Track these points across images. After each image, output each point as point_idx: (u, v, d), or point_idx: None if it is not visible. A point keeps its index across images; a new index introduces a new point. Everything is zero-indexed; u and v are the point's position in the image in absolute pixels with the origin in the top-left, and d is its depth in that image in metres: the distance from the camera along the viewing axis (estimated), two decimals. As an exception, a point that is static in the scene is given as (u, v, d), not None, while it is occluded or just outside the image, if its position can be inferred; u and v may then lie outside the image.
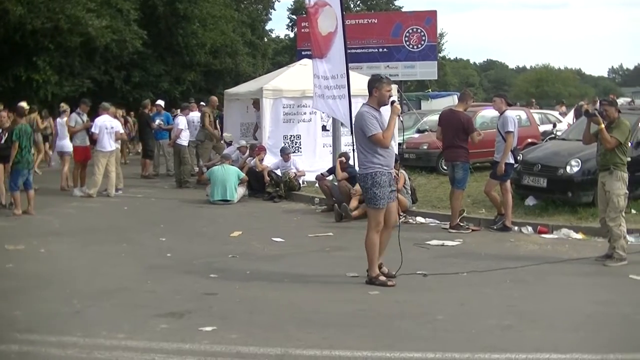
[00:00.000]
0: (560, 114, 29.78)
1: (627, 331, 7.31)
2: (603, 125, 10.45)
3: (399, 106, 9.20)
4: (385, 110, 9.42)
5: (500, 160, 13.04)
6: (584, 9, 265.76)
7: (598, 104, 13.30)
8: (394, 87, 11.49)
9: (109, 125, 18.02)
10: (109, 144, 17.96)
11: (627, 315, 7.84)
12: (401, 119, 9.46)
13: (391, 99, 9.36)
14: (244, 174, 17.64)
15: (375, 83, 9.35)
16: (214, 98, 22.69)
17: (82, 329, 7.22)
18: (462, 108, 13.56)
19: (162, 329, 7.26)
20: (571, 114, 32.46)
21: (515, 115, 14.47)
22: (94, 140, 18.17)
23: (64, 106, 20.44)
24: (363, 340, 6.96)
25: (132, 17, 33.65)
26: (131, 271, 10.02)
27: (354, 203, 14.45)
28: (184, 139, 20.61)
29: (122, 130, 19.19)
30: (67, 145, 19.06)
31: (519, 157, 13.49)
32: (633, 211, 13.19)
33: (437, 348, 6.67)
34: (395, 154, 15.75)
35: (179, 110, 21.82)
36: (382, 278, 9.04)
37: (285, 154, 18.05)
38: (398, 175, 9.79)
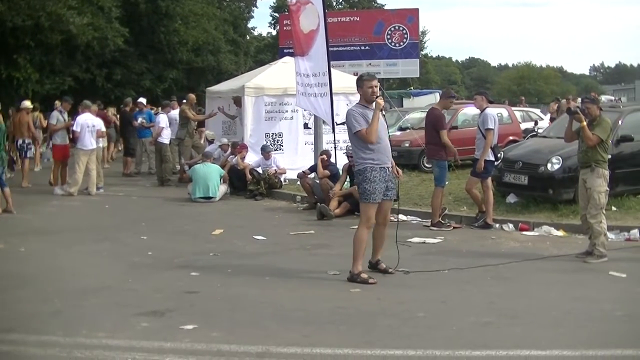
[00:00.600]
0: (551, 112, 29.75)
1: (607, 327, 7.35)
2: (585, 123, 10.51)
3: (380, 101, 9.21)
4: None
5: (480, 157, 13.10)
6: (566, 7, 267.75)
7: (580, 101, 13.36)
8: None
9: (91, 124, 17.94)
10: (90, 142, 17.89)
11: (607, 312, 7.88)
12: (384, 113, 9.44)
13: (375, 94, 9.30)
14: (225, 172, 17.63)
15: (358, 82, 9.51)
16: (192, 95, 22.66)
17: (63, 328, 7.19)
18: (441, 106, 13.58)
19: (143, 328, 7.24)
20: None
21: (496, 112, 14.55)
22: (75, 138, 18.07)
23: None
24: (344, 337, 6.98)
25: (114, 14, 33.55)
26: (112, 270, 9.99)
27: (333, 204, 14.51)
28: (166, 137, 20.57)
29: (103, 129, 19.12)
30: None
31: (499, 155, 13.53)
32: (613, 208, 13.28)
33: (418, 345, 6.70)
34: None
35: (160, 108, 21.77)
36: (364, 276, 9.06)
37: (265, 152, 18.05)
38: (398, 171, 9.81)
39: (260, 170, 17.79)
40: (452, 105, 14.83)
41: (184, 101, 22.45)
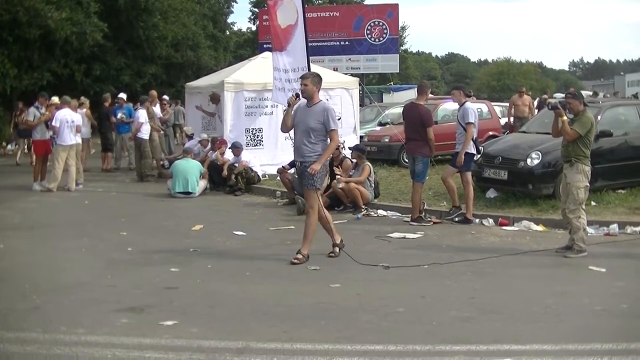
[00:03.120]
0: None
1: (586, 322, 7.39)
2: (565, 118, 10.57)
3: (294, 99, 9.83)
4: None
5: (460, 151, 13.13)
6: (545, 2, 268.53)
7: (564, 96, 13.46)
8: (353, 80, 11.63)
9: (70, 119, 17.83)
10: (70, 138, 17.79)
11: (586, 306, 7.93)
12: (291, 111, 10.14)
13: (298, 92, 10.12)
14: (205, 168, 17.61)
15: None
16: (153, 92, 22.72)
17: (42, 324, 7.16)
18: (422, 100, 13.56)
19: (122, 324, 7.22)
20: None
21: (476, 107, 14.56)
22: (53, 134, 17.93)
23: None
24: (324, 333, 6.99)
25: (93, 9, 33.26)
26: (91, 266, 9.95)
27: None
28: (145, 132, 20.49)
29: (82, 124, 19.01)
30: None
31: (480, 148, 13.55)
32: (593, 203, 13.34)
33: (398, 340, 6.71)
34: (361, 146, 15.98)
35: (138, 104, 21.72)
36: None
37: (235, 148, 17.97)
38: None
39: (237, 165, 17.76)
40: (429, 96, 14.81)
41: (165, 97, 22.40)
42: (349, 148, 16.05)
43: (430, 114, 13.56)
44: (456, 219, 13.27)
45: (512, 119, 23.76)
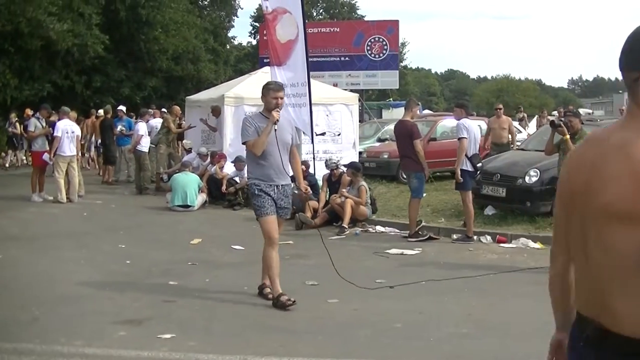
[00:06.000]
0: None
1: (581, 340, 7.40)
2: (568, 136, 10.61)
3: (276, 114, 8.65)
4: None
5: (455, 166, 13.16)
6: (545, 20, 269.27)
7: (563, 114, 13.50)
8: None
9: (70, 130, 17.91)
10: (69, 149, 17.85)
11: (581, 324, 7.93)
12: (275, 127, 8.62)
13: (278, 107, 8.85)
14: (204, 182, 17.65)
15: (263, 90, 9.20)
16: (177, 108, 22.68)
17: (40, 336, 7.18)
18: (409, 117, 13.60)
19: (120, 336, 7.24)
20: (533, 123, 32.88)
21: (476, 124, 14.58)
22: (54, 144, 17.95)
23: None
24: (321, 347, 7.01)
25: (94, 21, 33.39)
26: (90, 278, 9.97)
27: (307, 213, 14.58)
28: (144, 145, 20.55)
29: (79, 135, 19.01)
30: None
31: (478, 165, 13.57)
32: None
33: (395, 356, 6.74)
34: (356, 164, 15.92)
35: (138, 117, 21.83)
36: (284, 298, 8.41)
37: (239, 162, 17.96)
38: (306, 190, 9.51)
39: (238, 179, 17.76)
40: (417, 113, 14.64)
41: (164, 110, 22.33)
42: (344, 165, 16.03)
43: (417, 128, 13.60)
44: (454, 237, 13.30)
45: (488, 144, 19.01)
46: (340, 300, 8.82)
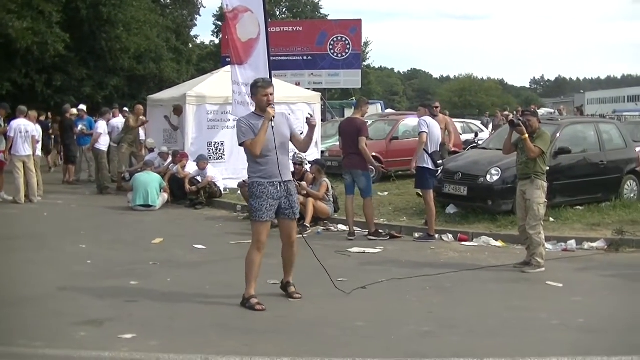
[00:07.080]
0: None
1: (544, 336, 7.48)
2: (527, 135, 10.69)
3: (271, 111, 8.44)
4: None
5: (413, 157, 13.21)
6: (507, 20, 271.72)
7: (521, 113, 13.59)
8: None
9: (24, 129, 17.61)
10: (23, 149, 17.55)
11: (544, 321, 8.03)
12: (272, 124, 8.39)
13: (270, 103, 8.60)
14: (166, 182, 17.56)
15: (252, 89, 9.00)
16: (140, 107, 22.54)
17: (-1, 337, 7.11)
18: (359, 115, 13.67)
19: (81, 337, 7.18)
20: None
21: (437, 124, 14.59)
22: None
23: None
24: (283, 346, 7.02)
25: (55, 19, 33.02)
26: (50, 278, 9.87)
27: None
28: (103, 143, 20.44)
29: (37, 135, 18.70)
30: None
31: (439, 162, 13.54)
32: (551, 219, 13.50)
33: (357, 354, 6.76)
34: (321, 161, 15.92)
35: (98, 115, 21.63)
36: (253, 301, 8.37)
37: (200, 161, 17.88)
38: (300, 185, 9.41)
39: (200, 179, 17.68)
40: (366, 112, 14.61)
41: (125, 109, 22.16)
42: (309, 162, 16.04)
43: (366, 126, 13.64)
44: (416, 235, 13.33)
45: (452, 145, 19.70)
46: (302, 299, 8.81)
